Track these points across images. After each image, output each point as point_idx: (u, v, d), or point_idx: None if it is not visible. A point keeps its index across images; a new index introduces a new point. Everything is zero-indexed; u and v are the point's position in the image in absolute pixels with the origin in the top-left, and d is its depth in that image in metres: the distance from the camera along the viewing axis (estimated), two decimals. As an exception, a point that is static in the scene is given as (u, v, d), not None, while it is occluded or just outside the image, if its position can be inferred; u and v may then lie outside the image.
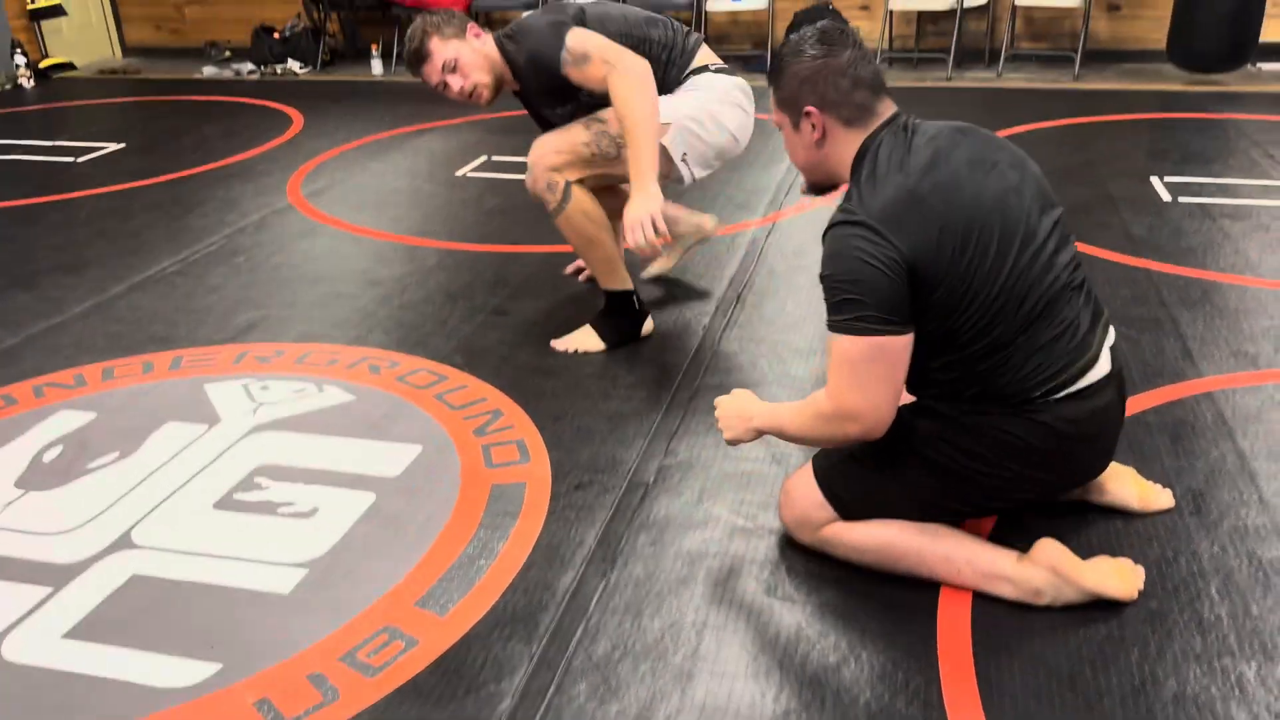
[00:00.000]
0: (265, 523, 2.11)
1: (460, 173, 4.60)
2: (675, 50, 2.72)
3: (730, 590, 1.87)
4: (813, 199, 1.96)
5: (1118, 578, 1.76)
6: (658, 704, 1.62)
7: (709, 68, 2.75)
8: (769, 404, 1.89)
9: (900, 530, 1.82)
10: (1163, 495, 2.04)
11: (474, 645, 1.76)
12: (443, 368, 2.74)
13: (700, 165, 2.75)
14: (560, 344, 2.82)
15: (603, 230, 2.72)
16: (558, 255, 3.45)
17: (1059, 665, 1.65)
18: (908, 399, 1.86)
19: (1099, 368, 1.75)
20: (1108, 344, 1.79)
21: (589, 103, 2.64)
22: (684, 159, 2.69)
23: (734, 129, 2.75)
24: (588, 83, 2.54)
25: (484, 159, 4.80)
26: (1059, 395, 1.71)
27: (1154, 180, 4.09)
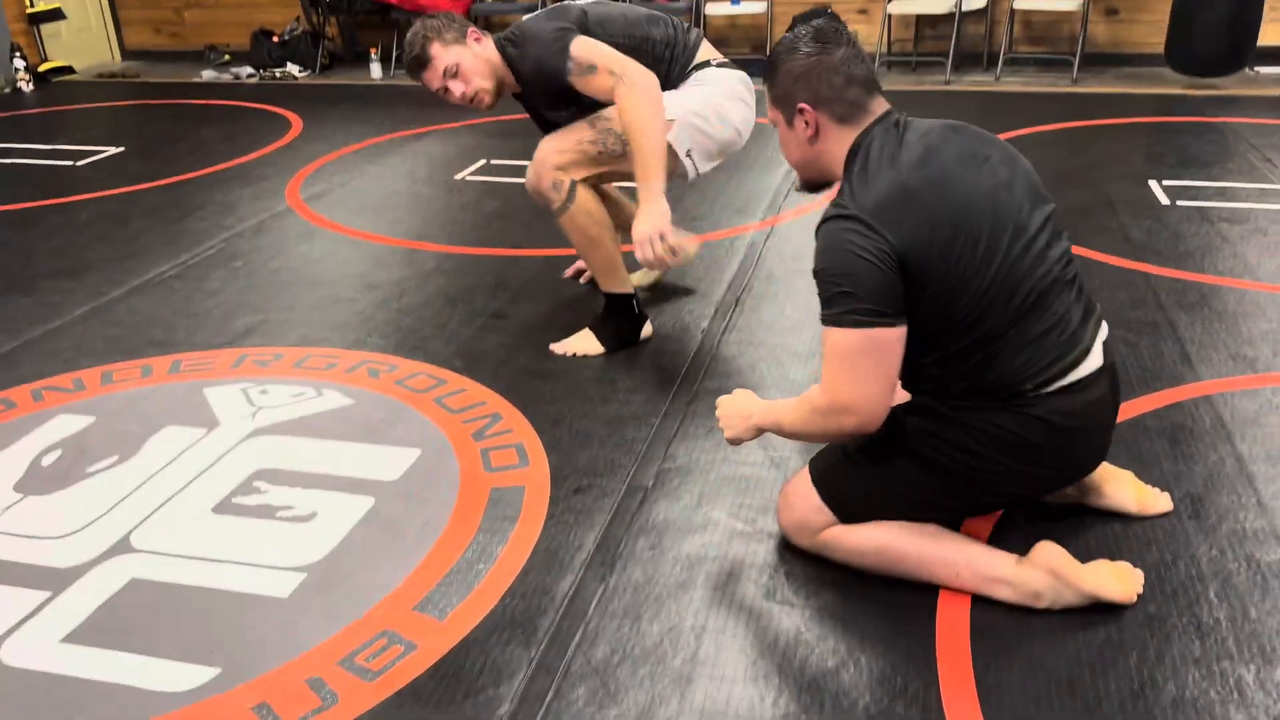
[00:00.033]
0: (264, 527, 2.11)
1: (459, 176, 4.61)
2: (678, 47, 2.73)
3: (729, 594, 1.87)
4: (811, 197, 1.97)
5: (1117, 581, 1.76)
6: (657, 708, 1.62)
7: (710, 63, 2.76)
8: (768, 402, 1.90)
9: (899, 533, 1.82)
10: (1161, 499, 2.04)
11: (473, 649, 1.76)
12: (442, 371, 2.74)
13: (705, 160, 2.75)
14: (559, 347, 2.82)
15: (605, 231, 2.72)
16: (557, 259, 3.46)
17: (1058, 669, 1.66)
18: (902, 396, 1.86)
19: (1090, 361, 1.75)
20: (1100, 338, 1.79)
21: (592, 104, 2.64)
22: (689, 154, 2.70)
23: (738, 123, 2.76)
24: (593, 93, 2.55)
25: (483, 162, 4.80)
26: (1050, 389, 1.72)
27: (1152, 184, 4.10)
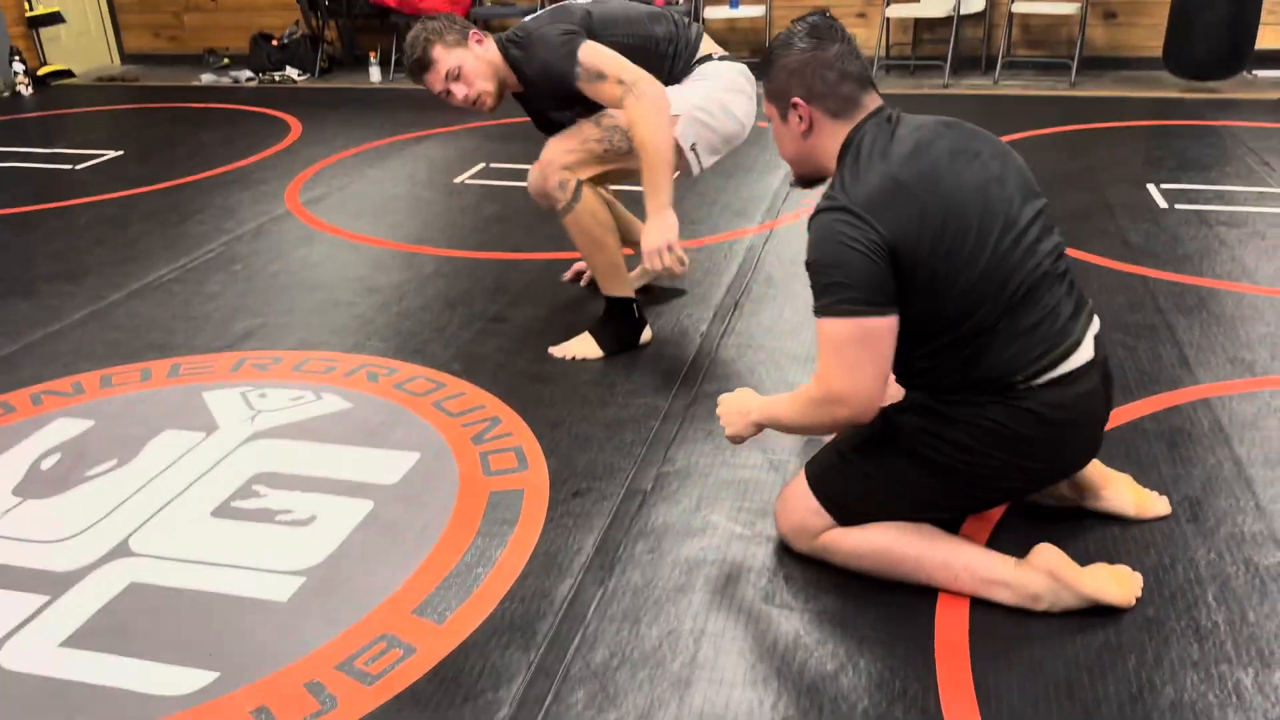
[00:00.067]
0: (263, 530, 2.11)
1: (458, 180, 4.61)
2: (680, 43, 2.74)
3: (728, 597, 1.87)
4: (809, 201, 1.98)
5: (1115, 584, 1.77)
6: (655, 712, 1.62)
7: (712, 56, 2.78)
8: (766, 397, 1.90)
9: (897, 535, 1.82)
10: (1159, 502, 2.04)
11: (472, 653, 1.76)
12: (441, 375, 2.74)
13: (708, 153, 2.76)
14: (558, 351, 2.82)
15: (609, 233, 2.73)
16: (556, 262, 3.46)
17: (1056, 672, 1.66)
18: (896, 391, 1.87)
19: (1081, 353, 1.76)
20: (1091, 332, 1.80)
21: (597, 103, 2.65)
22: (693, 148, 2.70)
23: (740, 115, 2.77)
24: (601, 99, 2.56)
25: (482, 166, 4.80)
26: (1040, 380, 1.73)
27: (1150, 187, 4.10)
